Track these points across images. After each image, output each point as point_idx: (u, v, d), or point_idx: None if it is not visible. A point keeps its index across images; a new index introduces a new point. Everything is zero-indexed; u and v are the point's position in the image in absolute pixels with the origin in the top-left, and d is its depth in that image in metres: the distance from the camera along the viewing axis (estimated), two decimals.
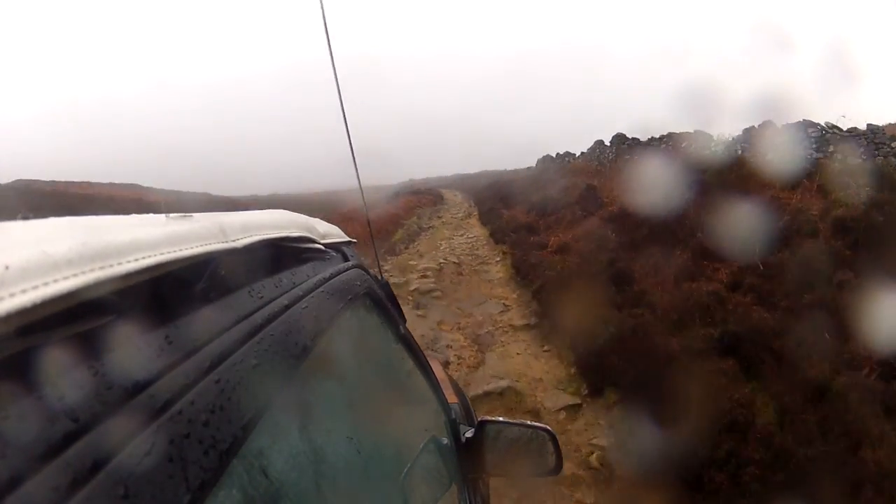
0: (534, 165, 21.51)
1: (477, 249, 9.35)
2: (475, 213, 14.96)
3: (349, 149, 1.06)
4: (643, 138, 11.66)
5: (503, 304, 5.85)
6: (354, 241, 0.86)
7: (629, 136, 12.26)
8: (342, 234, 0.81)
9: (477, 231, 11.58)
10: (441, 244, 10.17)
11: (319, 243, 0.66)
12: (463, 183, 33.21)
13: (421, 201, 18.44)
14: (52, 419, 0.22)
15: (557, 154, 18.57)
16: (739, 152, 8.38)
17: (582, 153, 15.84)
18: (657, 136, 11.16)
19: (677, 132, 10.36)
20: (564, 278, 5.34)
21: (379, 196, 20.46)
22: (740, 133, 8.78)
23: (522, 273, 6.45)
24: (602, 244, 6.10)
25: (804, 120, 7.95)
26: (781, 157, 7.36)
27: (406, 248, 9.99)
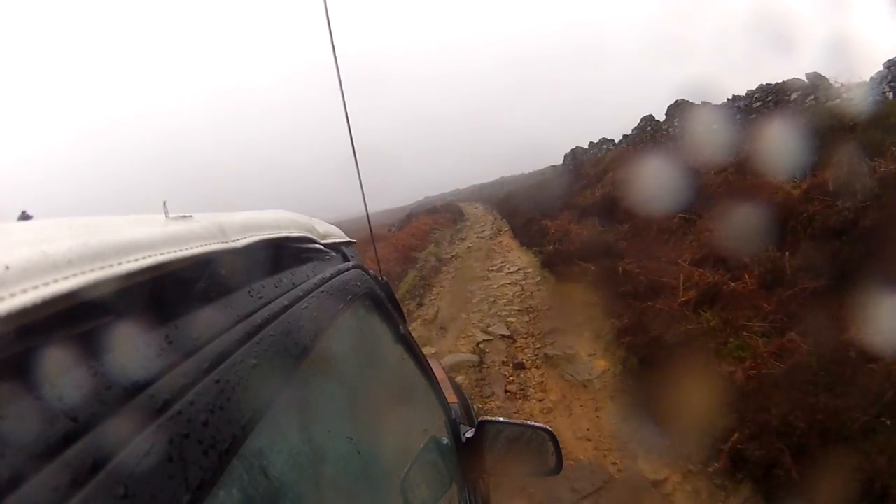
0: (559, 163, 18.36)
1: (531, 297, 5.53)
2: (505, 228, 11.37)
3: (354, 165, 1.06)
4: (716, 101, 8.52)
5: (651, 482, 2.31)
6: (354, 241, 0.86)
7: (696, 100, 9.00)
8: (342, 234, 0.81)
9: (518, 257, 7.81)
10: (473, 291, 6.22)
11: (319, 243, 0.66)
12: (481, 193, 29.38)
13: (438, 221, 15.68)
14: (51, 419, 0.22)
15: (591, 143, 15.68)
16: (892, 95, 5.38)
17: (625, 136, 13.07)
18: (742, 94, 7.84)
19: (776, 82, 7.26)
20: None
21: (391, 220, 17.59)
22: (882, 69, 5.74)
23: (658, 383, 2.68)
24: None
25: None
26: None
27: (419, 306, 6.07)
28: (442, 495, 0.81)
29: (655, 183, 5.74)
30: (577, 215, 7.54)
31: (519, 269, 7.14)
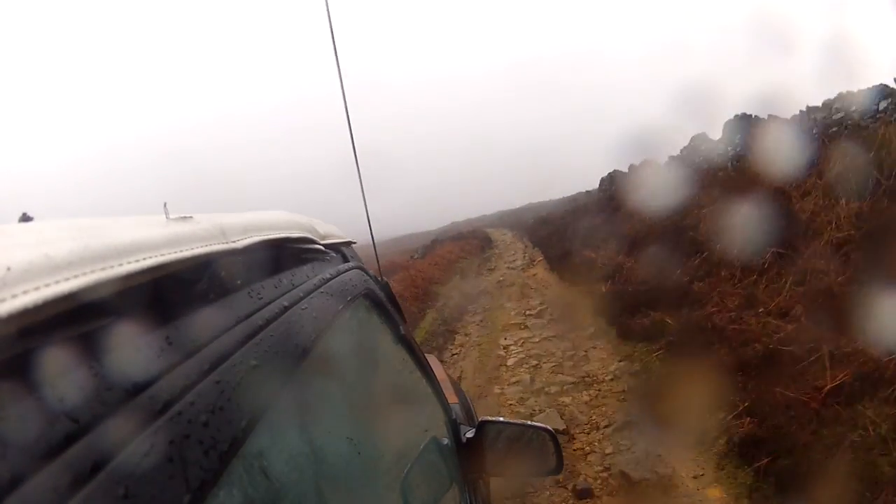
0: (593, 188, 15.48)
1: (587, 358, 4.04)
2: (539, 258, 10.31)
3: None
4: (784, 114, 6.88)
5: None
6: (354, 241, 0.86)
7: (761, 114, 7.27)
8: (342, 234, 0.82)
9: (557, 295, 6.46)
10: (508, 347, 4.82)
11: (319, 244, 0.66)
12: (508, 219, 27.87)
13: (465, 248, 14.15)
14: (52, 420, 0.22)
15: (632, 166, 13.29)
16: None
17: (671, 158, 10.38)
18: (818, 105, 6.45)
19: (857, 90, 5.89)
20: None
21: (415, 245, 16.42)
22: None
23: None
24: None
25: None
26: None
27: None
28: (442, 496, 0.81)
29: (727, 211, 4.59)
30: (628, 247, 6.17)
31: (561, 317, 5.54)
